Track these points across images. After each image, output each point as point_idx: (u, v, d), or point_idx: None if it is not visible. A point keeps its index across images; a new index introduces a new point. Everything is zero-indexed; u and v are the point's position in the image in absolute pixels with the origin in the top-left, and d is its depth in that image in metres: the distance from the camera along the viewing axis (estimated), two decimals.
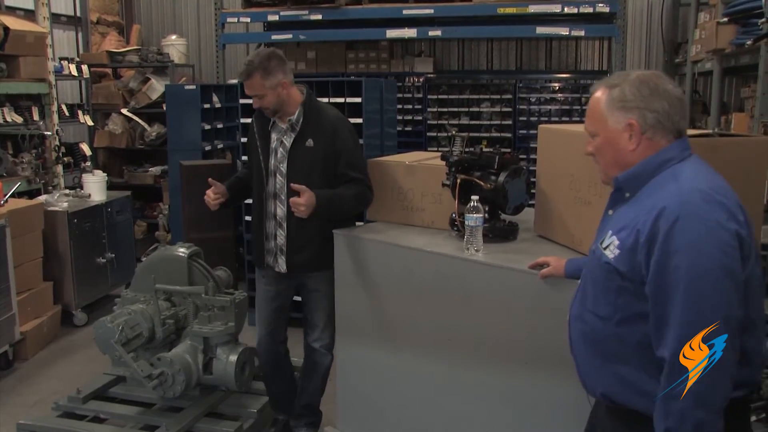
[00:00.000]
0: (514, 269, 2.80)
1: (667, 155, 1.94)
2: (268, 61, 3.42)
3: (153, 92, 8.36)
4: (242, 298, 4.02)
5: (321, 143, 3.50)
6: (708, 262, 1.75)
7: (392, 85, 6.11)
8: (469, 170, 3.16)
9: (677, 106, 1.94)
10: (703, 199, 1.80)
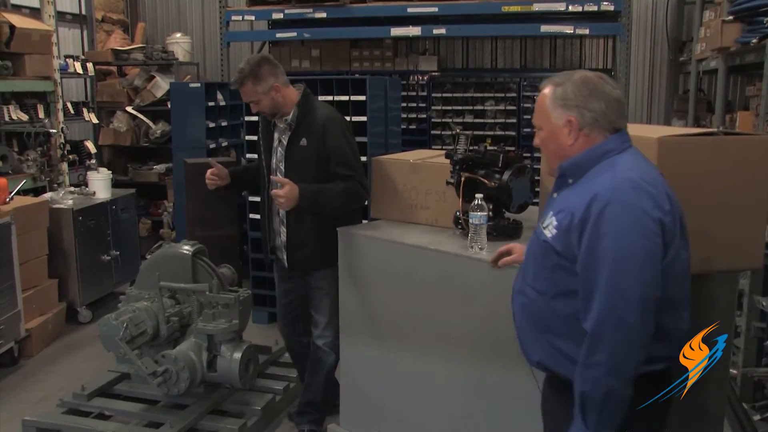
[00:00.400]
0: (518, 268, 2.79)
1: (608, 147, 2.09)
2: (258, 67, 3.54)
3: (158, 90, 8.37)
4: (246, 295, 4.03)
5: (313, 142, 3.57)
6: (631, 245, 1.91)
7: (396, 83, 6.10)
8: (473, 168, 3.16)
9: (614, 106, 2.09)
10: (633, 187, 1.95)
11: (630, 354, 1.92)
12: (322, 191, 3.52)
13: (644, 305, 1.91)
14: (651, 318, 1.93)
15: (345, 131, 3.66)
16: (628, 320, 1.90)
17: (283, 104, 3.62)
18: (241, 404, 4.08)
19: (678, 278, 2.04)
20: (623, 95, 2.21)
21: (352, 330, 3.61)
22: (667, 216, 1.96)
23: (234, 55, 8.63)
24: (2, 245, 4.81)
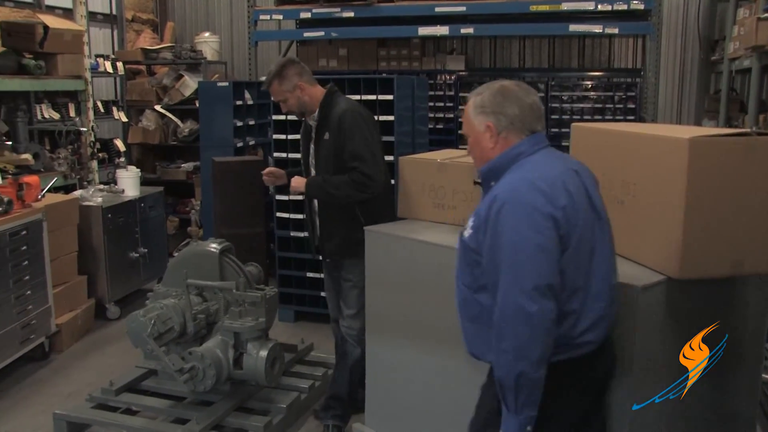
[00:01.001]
0: None
1: (519, 149, 2.28)
2: (283, 68, 3.80)
3: (186, 89, 8.44)
4: (273, 293, 4.05)
5: (332, 135, 3.76)
6: (524, 239, 2.10)
7: (424, 82, 6.10)
8: None
9: (528, 110, 2.29)
10: (527, 187, 2.15)
11: (532, 339, 2.08)
12: (328, 181, 3.73)
13: (540, 293, 2.07)
14: (549, 304, 2.09)
15: (359, 123, 3.75)
16: (527, 309, 2.07)
17: (310, 103, 3.82)
18: (267, 402, 4.10)
19: (587, 265, 2.21)
20: (539, 101, 2.35)
21: (379, 328, 3.61)
22: (560, 211, 2.13)
23: (262, 54, 8.68)
24: (34, 242, 4.88)
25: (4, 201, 4.61)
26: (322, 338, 5.28)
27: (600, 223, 2.27)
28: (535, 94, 2.34)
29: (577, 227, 2.17)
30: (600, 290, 2.25)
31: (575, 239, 2.17)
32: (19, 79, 5.95)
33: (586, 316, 2.22)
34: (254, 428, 3.83)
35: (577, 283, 2.20)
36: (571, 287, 2.19)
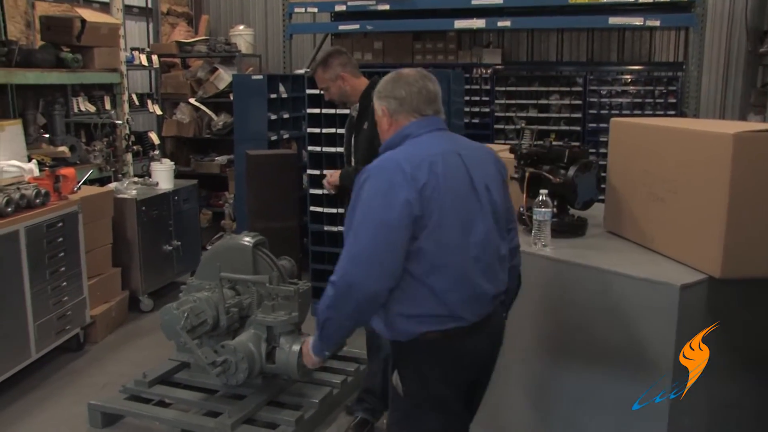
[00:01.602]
0: (583, 265, 2.77)
1: (407, 131, 2.47)
2: (329, 57, 3.90)
3: (220, 82, 8.51)
4: (306, 288, 4.07)
5: (370, 126, 3.77)
6: (369, 211, 2.27)
7: (459, 76, 6.09)
8: (538, 163, 3.14)
9: (416, 95, 2.46)
10: (392, 165, 2.31)
11: (349, 300, 2.28)
12: (351, 172, 3.82)
13: (369, 265, 2.25)
14: (377, 278, 2.26)
15: None
16: (353, 272, 2.26)
17: (351, 93, 3.92)
18: (299, 396, 4.13)
19: (457, 243, 2.33)
20: (432, 87, 2.50)
21: None
22: (415, 193, 2.25)
23: (296, 47, 8.73)
24: (70, 233, 4.97)
25: (42, 193, 4.70)
26: (355, 333, 5.29)
27: (480, 205, 2.40)
28: (430, 81, 2.51)
29: (439, 206, 2.29)
30: (474, 268, 2.36)
31: (436, 217, 2.29)
32: (57, 73, 6.05)
33: (455, 292, 2.34)
34: (286, 422, 3.86)
35: (442, 260, 2.31)
36: (433, 262, 2.30)
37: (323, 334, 2.45)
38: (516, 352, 3.06)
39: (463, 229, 2.35)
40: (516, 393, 3.12)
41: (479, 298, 2.40)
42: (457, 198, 2.34)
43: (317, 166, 5.69)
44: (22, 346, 4.51)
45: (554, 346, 2.93)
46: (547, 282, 2.91)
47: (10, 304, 4.40)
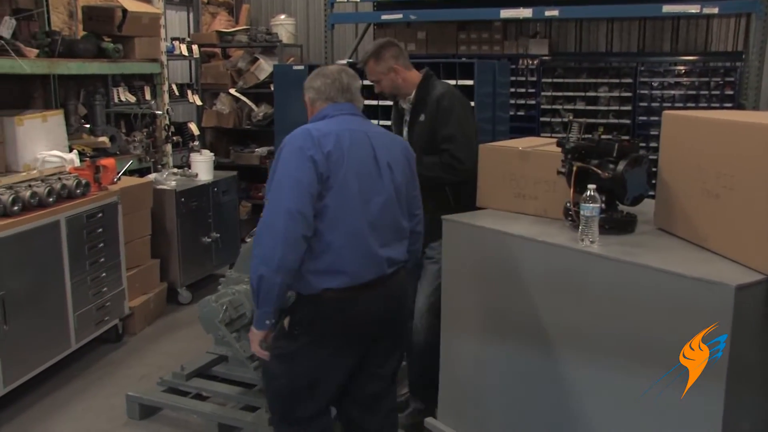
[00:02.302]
0: (632, 263, 2.73)
1: (324, 112, 2.94)
2: (381, 48, 3.91)
3: (261, 72, 8.59)
4: None
5: (428, 117, 3.86)
6: (286, 173, 2.70)
7: (505, 67, 6.05)
8: (586, 158, 3.10)
9: (330, 85, 2.96)
10: (302, 134, 2.77)
11: (275, 250, 2.64)
12: (420, 161, 3.69)
13: (287, 215, 2.65)
14: (295, 226, 2.65)
15: (456, 106, 3.84)
16: (276, 225, 2.66)
17: (403, 86, 3.94)
18: None
19: (355, 208, 2.78)
20: (346, 80, 2.99)
21: (455, 322, 3.61)
22: (322, 155, 2.71)
23: (338, 37, 8.75)
24: (109, 224, 5.07)
25: (82, 183, 4.79)
26: None
27: (382, 179, 2.87)
28: (345, 74, 3.01)
29: (343, 172, 2.75)
30: (368, 231, 2.81)
31: (340, 180, 2.74)
32: (98, 63, 6.16)
33: (349, 248, 2.77)
34: None
35: (341, 219, 2.76)
36: (333, 219, 2.75)
37: (259, 297, 2.74)
38: (565, 351, 3.05)
39: (362, 196, 2.80)
40: (562, 396, 3.10)
41: (372, 259, 2.83)
42: (360, 168, 2.81)
43: None
44: (62, 336, 4.61)
45: (601, 346, 2.90)
46: (594, 280, 2.88)
47: (51, 294, 4.50)
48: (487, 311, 3.43)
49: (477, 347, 3.49)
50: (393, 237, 2.92)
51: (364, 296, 2.83)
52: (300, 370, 2.88)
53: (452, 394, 3.71)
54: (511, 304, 3.28)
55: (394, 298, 2.99)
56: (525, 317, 3.20)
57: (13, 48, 5.16)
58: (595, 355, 2.92)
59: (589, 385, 2.97)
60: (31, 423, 4.15)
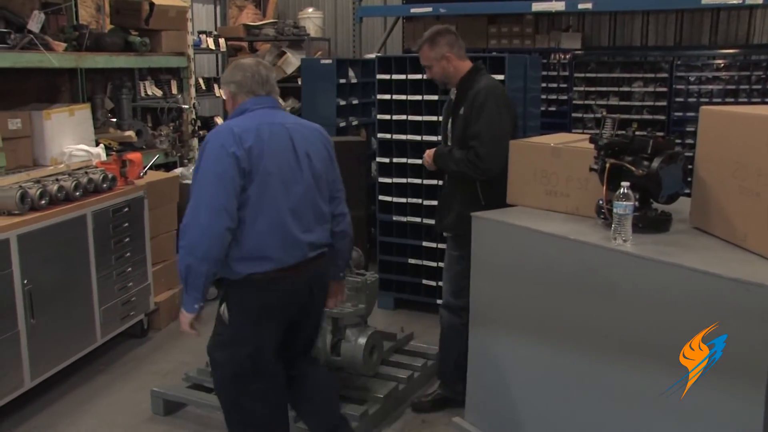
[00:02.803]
0: (666, 262, 2.71)
1: (244, 106, 3.12)
2: (437, 35, 4.04)
3: (288, 66, 8.62)
4: (373, 279, 4.10)
5: (465, 112, 3.95)
6: (208, 168, 2.93)
7: (537, 61, 6.01)
8: (619, 154, 3.07)
9: (249, 78, 3.12)
10: (225, 130, 2.98)
11: (200, 241, 2.89)
12: (451, 154, 3.97)
13: (211, 209, 2.88)
14: (218, 221, 2.88)
15: (489, 103, 3.87)
16: (200, 219, 2.89)
17: (454, 75, 4.04)
18: (363, 391, 4.16)
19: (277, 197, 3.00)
20: (264, 72, 3.16)
21: (483, 321, 3.61)
22: (243, 151, 2.91)
23: (366, 31, 8.76)
24: (136, 219, 5.12)
25: (109, 177, 4.85)
26: (423, 327, 5.31)
27: (300, 168, 3.09)
28: (263, 67, 3.19)
29: (264, 164, 2.96)
30: (289, 218, 3.04)
31: (262, 171, 2.96)
32: (125, 56, 6.23)
33: (272, 235, 3.00)
34: (350, 417, 3.88)
35: (264, 208, 2.98)
36: (256, 209, 2.97)
37: (188, 284, 2.99)
38: (595, 352, 3.03)
39: (283, 186, 3.02)
40: (592, 398, 3.08)
41: (294, 245, 3.07)
42: (280, 159, 3.03)
43: (387, 154, 5.71)
44: (88, 330, 4.67)
45: (633, 348, 2.87)
46: (626, 280, 2.86)
47: (78, 289, 4.56)
48: (515, 310, 3.42)
49: (505, 347, 3.49)
50: (314, 222, 3.17)
51: (287, 279, 3.08)
52: (241, 352, 3.11)
53: (480, 394, 3.71)
54: (540, 304, 3.27)
55: (317, 279, 3.27)
56: (554, 317, 3.19)
57: (42, 42, 5.23)
58: (626, 357, 2.90)
59: (621, 387, 2.95)
60: (56, 417, 4.22)
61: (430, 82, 5.43)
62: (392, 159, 5.69)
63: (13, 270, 3.98)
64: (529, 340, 3.35)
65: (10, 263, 3.95)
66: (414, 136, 5.58)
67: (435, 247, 5.61)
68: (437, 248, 5.59)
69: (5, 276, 3.93)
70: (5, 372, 3.95)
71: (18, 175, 4.57)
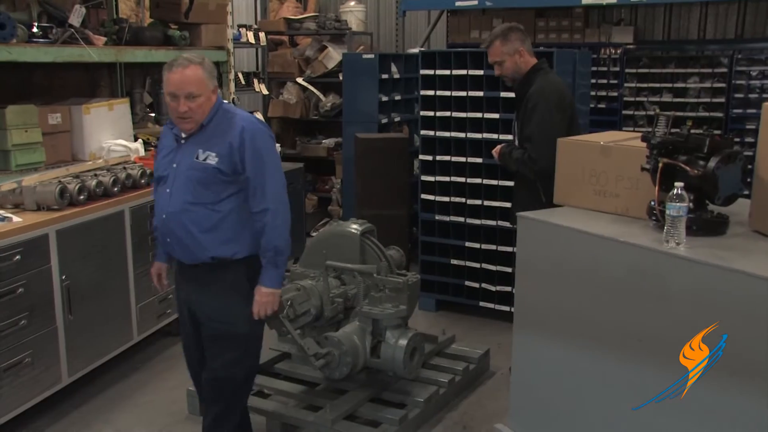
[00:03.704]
0: (723, 267, 2.66)
1: (222, 101, 3.41)
2: (509, 30, 4.25)
3: (329, 61, 8.65)
4: (415, 280, 4.11)
5: (521, 112, 4.23)
6: (272, 153, 3.37)
7: (586, 57, 5.95)
8: (673, 153, 3.03)
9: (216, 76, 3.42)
10: (258, 122, 3.45)
11: (289, 218, 3.38)
12: (513, 153, 4.24)
13: (285, 195, 3.39)
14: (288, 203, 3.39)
15: (541, 104, 4.13)
16: (285, 199, 3.37)
17: (525, 69, 4.26)
18: (403, 394, 4.17)
19: None
20: None
21: (527, 324, 3.58)
22: None
23: (409, 25, 8.76)
24: None
25: (147, 173, 4.92)
26: (465, 330, 5.31)
27: None
28: None
29: None
30: None
31: None
32: (165, 50, 6.30)
33: None
34: (389, 421, 3.91)
35: None
36: None
37: (281, 261, 3.39)
38: (644, 359, 2.99)
39: None
40: (640, 406, 3.05)
41: None
42: None
43: (430, 152, 5.71)
44: (125, 327, 4.75)
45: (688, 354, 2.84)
46: (678, 285, 2.82)
47: (115, 285, 4.64)
48: (562, 314, 3.40)
49: (550, 351, 3.46)
50: None
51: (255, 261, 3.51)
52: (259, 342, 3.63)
53: (523, 399, 3.69)
54: (587, 307, 3.24)
55: None
56: (602, 321, 3.16)
57: (82, 36, 5.32)
58: (678, 365, 2.86)
59: (670, 397, 2.91)
60: (93, 414, 4.30)
61: (474, 78, 5.44)
62: (435, 156, 5.69)
63: (52, 266, 4.07)
64: (575, 345, 3.32)
65: (48, 259, 4.04)
66: (458, 134, 5.57)
67: (478, 248, 5.59)
68: (480, 249, 5.58)
69: (44, 271, 4.02)
70: (44, 368, 4.04)
71: (57, 170, 4.66)
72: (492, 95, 5.38)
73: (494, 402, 4.39)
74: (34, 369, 3.97)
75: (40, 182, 4.26)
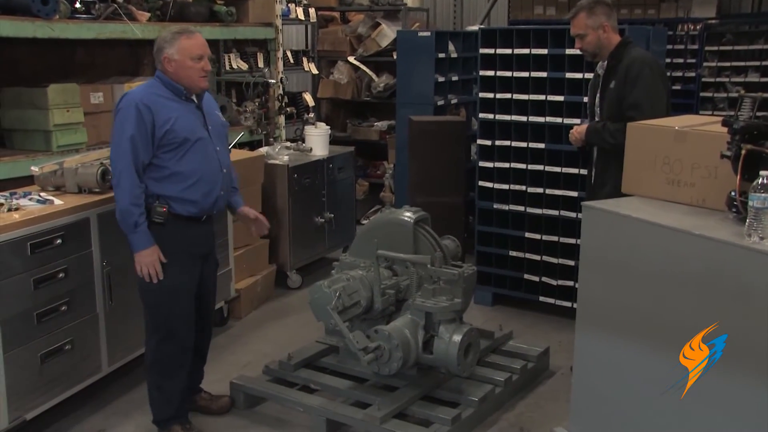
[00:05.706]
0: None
1: None
2: (595, 3, 4.34)
3: (383, 39, 8.64)
4: (471, 272, 4.09)
5: (618, 84, 4.28)
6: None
7: (661, 33, 5.85)
8: (758, 139, 2.96)
9: None
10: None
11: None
12: (606, 128, 4.27)
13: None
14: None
15: (646, 72, 4.21)
16: None
17: (606, 46, 4.36)
18: (457, 393, 4.16)
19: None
20: None
21: (591, 321, 3.55)
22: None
23: (468, 0, 8.69)
24: None
25: None
26: (523, 326, 5.28)
27: None
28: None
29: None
30: None
31: None
32: (210, 27, 6.37)
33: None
34: (441, 420, 3.91)
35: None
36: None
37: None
38: (720, 362, 2.94)
39: None
40: (713, 412, 3.00)
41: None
42: None
43: (489, 136, 5.67)
44: None
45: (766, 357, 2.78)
46: (762, 283, 2.75)
47: None
48: (628, 311, 3.35)
49: (615, 351, 3.42)
50: None
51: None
52: None
53: (585, 399, 3.65)
54: (657, 306, 3.19)
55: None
56: (674, 321, 3.11)
57: (126, 12, 5.41)
58: (757, 368, 2.81)
59: (748, 402, 2.86)
60: (132, 404, 4.37)
61: (538, 58, 5.38)
62: (494, 141, 5.65)
63: (93, 250, 4.16)
64: (642, 345, 3.28)
65: (90, 243, 4.13)
66: (519, 117, 5.52)
67: (539, 239, 5.55)
68: (541, 240, 5.53)
69: (86, 256, 4.11)
70: (85, 355, 4.13)
71: (99, 151, 4.71)
72: (556, 76, 5.31)
73: (553, 404, 4.36)
74: (74, 357, 4.06)
75: (82, 164, 4.33)
